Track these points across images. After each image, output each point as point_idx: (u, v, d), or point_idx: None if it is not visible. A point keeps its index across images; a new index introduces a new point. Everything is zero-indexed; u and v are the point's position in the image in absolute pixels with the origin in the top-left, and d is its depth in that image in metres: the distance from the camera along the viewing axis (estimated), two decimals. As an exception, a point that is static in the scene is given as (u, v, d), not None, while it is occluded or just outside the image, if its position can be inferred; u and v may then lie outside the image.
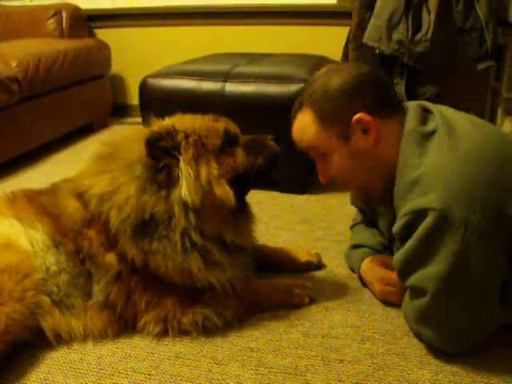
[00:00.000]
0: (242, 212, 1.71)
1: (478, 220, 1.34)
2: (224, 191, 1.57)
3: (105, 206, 1.58)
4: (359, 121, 1.54)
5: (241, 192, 1.67)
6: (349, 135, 1.57)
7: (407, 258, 1.48)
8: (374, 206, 1.86)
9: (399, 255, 1.51)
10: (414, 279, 1.49)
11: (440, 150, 1.45)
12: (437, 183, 1.40)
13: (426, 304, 1.46)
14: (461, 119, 1.55)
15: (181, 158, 1.55)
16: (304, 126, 1.64)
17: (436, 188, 1.39)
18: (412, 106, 1.62)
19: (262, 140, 1.73)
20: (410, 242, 1.45)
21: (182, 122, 1.65)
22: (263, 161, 1.69)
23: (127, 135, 1.75)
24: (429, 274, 1.42)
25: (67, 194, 1.69)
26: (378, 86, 1.60)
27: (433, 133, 1.50)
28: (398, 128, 1.56)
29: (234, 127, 1.72)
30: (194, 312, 1.64)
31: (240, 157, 1.65)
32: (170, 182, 1.55)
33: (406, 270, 1.51)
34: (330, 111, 1.57)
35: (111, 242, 1.59)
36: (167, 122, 1.68)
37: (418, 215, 1.41)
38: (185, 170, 1.54)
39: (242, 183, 1.64)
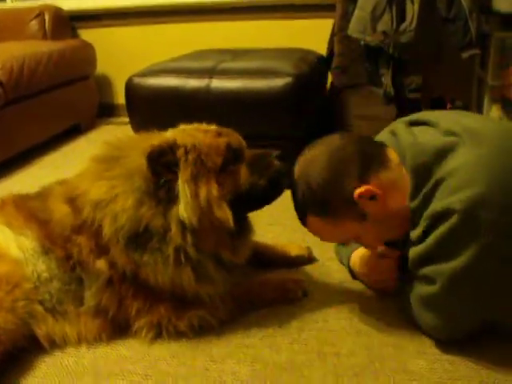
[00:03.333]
0: (241, 232, 1.64)
1: (503, 223, 1.31)
2: (223, 213, 1.53)
3: (98, 214, 1.55)
4: (360, 197, 1.49)
5: (241, 212, 1.63)
6: (362, 212, 1.52)
7: (426, 251, 1.45)
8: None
9: (417, 249, 1.48)
10: (427, 270, 1.47)
11: (464, 150, 1.40)
12: (462, 183, 1.35)
13: (432, 292, 1.46)
14: (474, 119, 1.51)
15: (179, 175, 1.52)
16: (318, 229, 1.62)
17: (462, 188, 1.34)
18: (397, 127, 1.60)
19: (266, 158, 1.65)
20: (431, 237, 1.42)
21: (183, 135, 1.59)
22: (265, 183, 1.61)
23: (132, 139, 1.71)
24: (444, 269, 1.41)
25: (58, 199, 1.67)
26: (353, 155, 1.52)
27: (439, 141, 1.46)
28: (398, 167, 1.52)
29: (237, 141, 1.65)
30: (189, 316, 1.62)
31: (243, 176, 1.59)
32: (170, 198, 1.52)
33: (421, 261, 1.49)
34: (330, 207, 1.53)
35: (101, 249, 1.57)
36: (169, 134, 1.63)
37: (440, 217, 1.37)
38: (182, 188, 1.50)
39: (242, 204, 1.60)
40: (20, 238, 1.63)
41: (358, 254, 1.83)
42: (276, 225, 2.38)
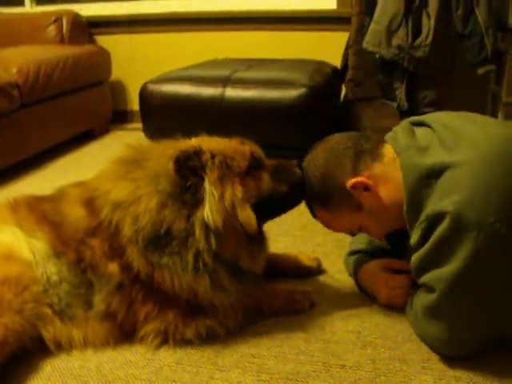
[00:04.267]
0: (258, 240, 1.66)
1: (491, 223, 1.33)
2: (247, 215, 1.54)
3: (118, 215, 1.55)
4: (354, 187, 1.60)
5: (261, 219, 1.63)
6: (358, 203, 1.62)
7: (422, 259, 1.48)
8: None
9: (417, 255, 1.50)
10: (426, 278, 1.49)
11: (457, 158, 1.43)
12: (451, 189, 1.40)
13: (433, 300, 1.46)
14: (464, 123, 1.54)
15: (206, 178, 1.53)
16: (323, 219, 1.76)
17: (450, 193, 1.39)
18: (399, 127, 1.66)
19: (287, 166, 1.70)
20: (426, 245, 1.45)
21: (208, 142, 1.62)
22: (288, 188, 1.66)
23: (155, 144, 1.71)
24: (440, 274, 1.43)
25: (72, 201, 1.67)
26: (347, 150, 1.63)
27: (428, 144, 1.51)
28: (392, 162, 1.59)
29: (259, 151, 1.69)
30: (196, 324, 1.62)
31: (265, 181, 1.63)
32: (195, 202, 1.52)
33: (420, 270, 1.51)
34: (327, 198, 1.67)
35: (114, 252, 1.57)
36: (194, 141, 1.65)
37: (434, 220, 1.41)
38: (209, 190, 1.52)
39: (264, 209, 1.61)
40: (31, 240, 1.62)
41: (368, 268, 1.83)
42: (286, 236, 2.38)
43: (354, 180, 1.58)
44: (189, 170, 1.52)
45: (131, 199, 1.55)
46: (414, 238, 1.50)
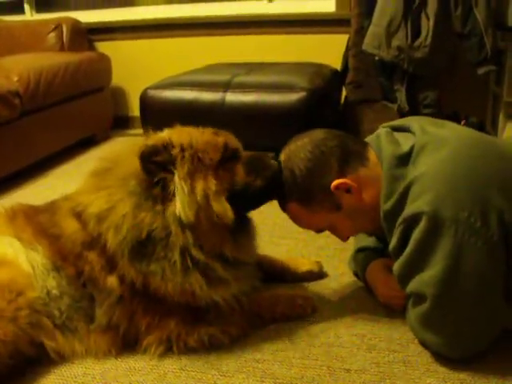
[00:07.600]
0: (242, 228, 1.64)
1: (466, 217, 1.36)
2: (222, 207, 1.52)
3: (103, 227, 1.53)
4: (337, 188, 1.58)
5: (239, 210, 1.60)
6: (338, 203, 1.61)
7: (405, 265, 1.49)
8: None
9: (398, 263, 1.52)
10: (412, 285, 1.50)
11: (425, 159, 1.49)
12: (424, 188, 1.43)
13: (427, 309, 1.46)
14: (434, 127, 1.59)
15: (175, 172, 1.51)
16: (296, 215, 1.71)
17: (424, 193, 1.42)
18: (382, 133, 1.66)
19: (263, 159, 1.66)
20: (407, 249, 1.47)
21: (179, 135, 1.59)
22: (262, 183, 1.62)
23: (124, 148, 1.69)
24: (426, 278, 1.43)
25: (66, 214, 1.64)
26: (335, 148, 1.62)
27: (411, 150, 1.53)
28: (377, 167, 1.60)
29: (235, 142, 1.66)
30: (199, 332, 1.60)
31: (239, 174, 1.60)
32: (166, 196, 1.50)
33: (404, 277, 1.52)
34: (309, 194, 1.63)
35: (112, 265, 1.55)
36: (164, 134, 1.62)
37: (411, 222, 1.44)
38: (179, 185, 1.49)
39: (240, 201, 1.58)
40: (31, 252, 1.60)
41: (373, 265, 1.84)
42: (288, 239, 2.37)
43: (339, 181, 1.57)
44: (155, 164, 1.50)
45: (108, 207, 1.53)
46: (393, 241, 1.53)
